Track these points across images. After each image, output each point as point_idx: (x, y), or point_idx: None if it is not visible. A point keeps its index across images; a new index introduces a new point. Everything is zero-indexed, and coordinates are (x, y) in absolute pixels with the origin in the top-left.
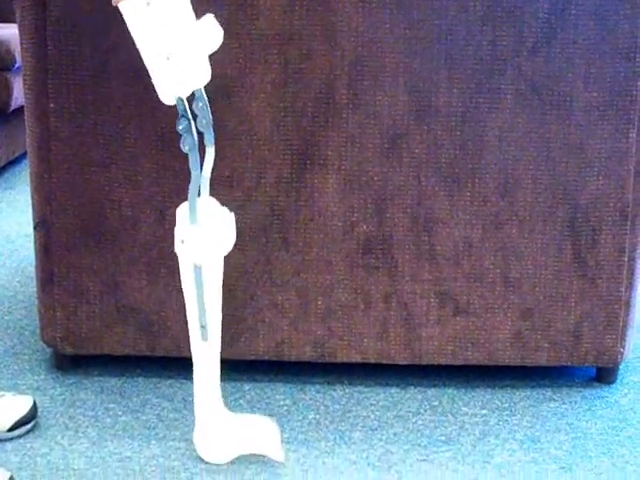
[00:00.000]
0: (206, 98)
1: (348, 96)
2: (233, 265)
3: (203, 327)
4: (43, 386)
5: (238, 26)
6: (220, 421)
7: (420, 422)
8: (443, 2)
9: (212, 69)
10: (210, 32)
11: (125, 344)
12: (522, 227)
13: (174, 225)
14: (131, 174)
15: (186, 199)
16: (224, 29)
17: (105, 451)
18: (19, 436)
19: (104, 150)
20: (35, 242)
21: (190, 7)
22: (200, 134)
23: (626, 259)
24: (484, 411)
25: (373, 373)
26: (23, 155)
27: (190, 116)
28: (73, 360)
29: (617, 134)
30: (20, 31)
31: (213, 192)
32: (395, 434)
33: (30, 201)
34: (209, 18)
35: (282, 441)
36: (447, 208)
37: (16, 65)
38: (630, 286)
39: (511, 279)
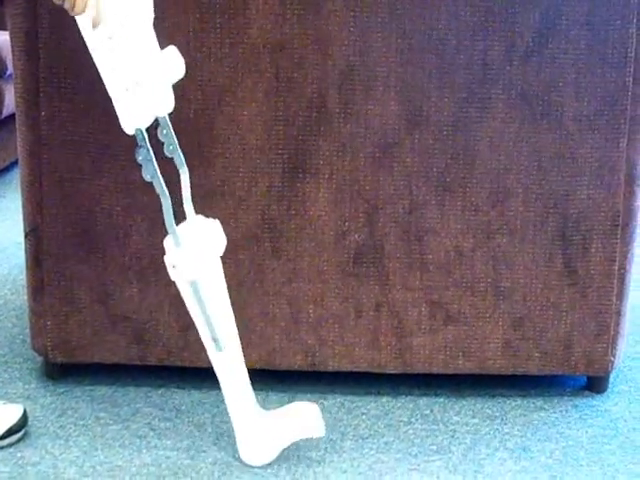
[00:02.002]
0: (170, 124)
1: (339, 105)
2: (224, 273)
3: (215, 340)
4: (33, 395)
5: (230, 35)
6: (257, 424)
7: (411, 431)
8: (435, 11)
9: (204, 78)
10: (172, 63)
11: (116, 353)
12: (513, 236)
13: (165, 234)
14: (122, 183)
15: (177, 210)
16: (216, 38)
17: (96, 460)
18: (9, 445)
19: (96, 158)
20: (26, 250)
21: (154, 37)
22: (170, 159)
23: (616, 268)
24: (475, 420)
25: (364, 382)
26: (14, 163)
27: (149, 145)
28: (64, 369)
29: (608, 143)
30: (12, 38)
31: (205, 202)
32: (386, 443)
33: (21, 209)
34: (172, 49)
35: (321, 416)
36: (438, 217)
37: (7, 72)
38: (621, 295)
39: (502, 288)
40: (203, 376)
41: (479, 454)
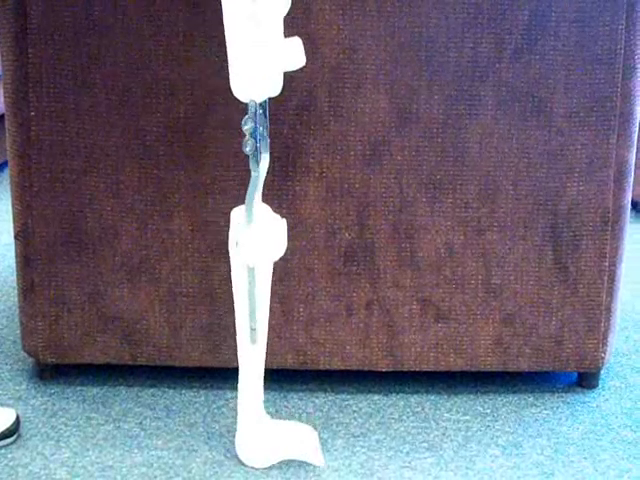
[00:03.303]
0: (267, 108)
1: (329, 103)
2: (215, 273)
3: (253, 330)
4: (24, 396)
5: (220, 34)
6: (261, 426)
7: (402, 429)
8: (424, 9)
9: (194, 77)
10: (295, 51)
11: (107, 353)
12: (503, 233)
13: (155, 233)
14: (113, 183)
15: (167, 209)
16: (206, 37)
17: (87, 460)
18: (0, 448)
19: (85, 159)
20: (16, 251)
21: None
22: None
23: (607, 264)
24: (466, 417)
25: (355, 380)
26: (4, 164)
27: (257, 120)
28: (55, 369)
29: (597, 140)
30: (1, 38)
31: (195, 200)
32: (377, 441)
33: (11, 210)
34: (297, 40)
35: (320, 447)
36: (428, 215)
37: None
38: (611, 291)
39: (492, 285)
40: (194, 376)
41: (470, 451)
